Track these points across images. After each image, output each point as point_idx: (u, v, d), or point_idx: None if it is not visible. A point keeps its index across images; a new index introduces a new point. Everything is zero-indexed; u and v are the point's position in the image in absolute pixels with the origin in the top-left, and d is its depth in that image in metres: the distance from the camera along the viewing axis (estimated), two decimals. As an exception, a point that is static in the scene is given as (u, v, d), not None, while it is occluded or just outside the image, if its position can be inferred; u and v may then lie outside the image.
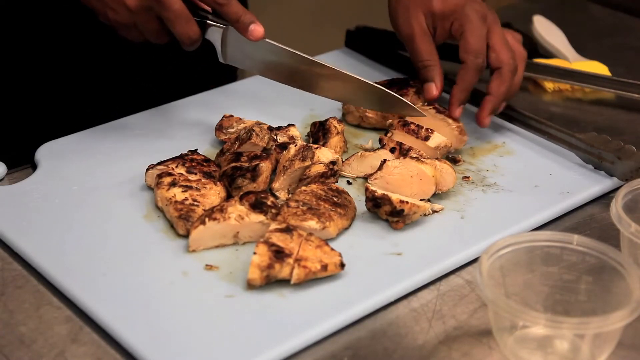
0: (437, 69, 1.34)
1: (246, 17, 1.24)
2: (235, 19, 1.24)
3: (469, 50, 1.33)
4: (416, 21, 1.35)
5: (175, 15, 1.22)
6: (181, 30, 1.24)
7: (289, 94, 1.48)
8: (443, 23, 1.36)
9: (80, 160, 1.30)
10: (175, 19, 1.22)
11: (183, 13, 1.22)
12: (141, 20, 1.24)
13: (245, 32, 1.25)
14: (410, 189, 1.20)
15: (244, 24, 1.24)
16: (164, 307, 1.05)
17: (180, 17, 1.22)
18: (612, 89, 1.51)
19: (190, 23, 1.24)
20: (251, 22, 1.24)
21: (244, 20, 1.24)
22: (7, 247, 1.15)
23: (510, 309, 0.96)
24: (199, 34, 1.26)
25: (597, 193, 1.27)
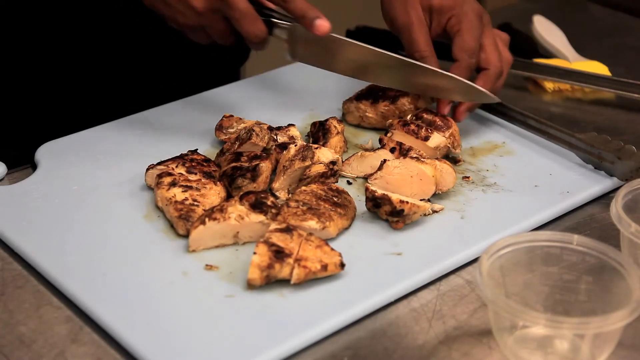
0: (434, 59, 1.34)
1: (311, 12, 1.24)
2: (301, 14, 1.24)
3: (464, 49, 1.33)
4: (414, 11, 1.34)
5: (242, 15, 1.23)
6: (248, 29, 1.24)
7: (289, 94, 1.48)
8: (440, 18, 1.36)
9: (80, 160, 1.30)
10: (241, 18, 1.23)
11: (249, 12, 1.23)
12: (209, 22, 1.25)
13: (311, 27, 1.24)
14: (410, 189, 1.20)
15: (309, 20, 1.24)
16: (164, 307, 1.05)
17: (247, 16, 1.23)
18: (612, 89, 1.51)
19: (257, 22, 1.24)
20: (317, 17, 1.24)
21: (309, 16, 1.24)
22: (7, 247, 1.15)
23: (510, 309, 0.96)
24: (266, 32, 1.26)
25: (597, 193, 1.27)
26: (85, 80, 1.53)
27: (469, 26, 1.34)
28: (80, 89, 1.54)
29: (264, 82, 1.53)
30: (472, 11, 1.35)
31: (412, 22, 1.34)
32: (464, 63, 1.33)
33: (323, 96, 1.47)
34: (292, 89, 1.49)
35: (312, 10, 1.24)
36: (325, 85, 1.35)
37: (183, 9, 1.24)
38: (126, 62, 1.55)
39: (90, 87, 1.54)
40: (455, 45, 1.34)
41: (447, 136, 1.30)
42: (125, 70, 1.56)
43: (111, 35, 1.52)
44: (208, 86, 1.50)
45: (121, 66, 1.55)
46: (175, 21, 1.27)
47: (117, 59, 1.54)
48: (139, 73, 1.57)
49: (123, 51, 1.54)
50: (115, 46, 1.53)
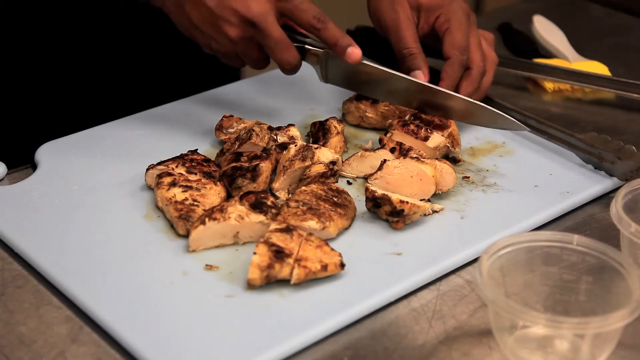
0: (422, 56, 1.33)
1: (344, 40, 1.26)
2: (333, 42, 1.26)
3: (455, 46, 1.33)
4: (402, 9, 1.34)
5: (275, 43, 1.24)
6: (281, 56, 1.26)
7: (289, 94, 1.48)
8: (428, 16, 1.36)
9: (80, 160, 1.30)
10: (275, 46, 1.25)
11: (283, 40, 1.25)
12: (242, 49, 1.27)
13: (343, 55, 1.26)
14: (410, 189, 1.20)
15: (341, 47, 1.26)
16: (164, 307, 1.05)
17: (281, 44, 1.25)
18: (612, 89, 1.51)
19: (290, 49, 1.26)
20: (349, 45, 1.26)
21: (341, 44, 1.26)
22: (7, 247, 1.15)
23: (510, 308, 0.96)
24: (299, 59, 1.28)
25: (597, 193, 1.27)
26: (86, 80, 1.53)
27: (458, 24, 1.34)
28: (81, 89, 1.54)
29: (264, 82, 1.52)
30: (460, 9, 1.35)
31: (399, 20, 1.34)
32: (456, 60, 1.33)
33: (323, 96, 1.47)
34: (293, 89, 1.49)
35: (345, 38, 1.26)
36: (325, 86, 1.35)
37: (218, 37, 1.25)
38: (126, 62, 1.55)
39: (91, 87, 1.54)
40: (446, 42, 1.34)
41: (445, 136, 1.30)
42: (126, 70, 1.56)
43: (111, 36, 1.52)
44: (209, 86, 1.50)
45: (121, 66, 1.55)
46: (210, 47, 1.28)
47: (117, 58, 1.55)
48: (139, 73, 1.57)
49: (123, 51, 1.54)
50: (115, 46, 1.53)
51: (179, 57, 1.58)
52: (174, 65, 1.60)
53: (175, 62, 1.59)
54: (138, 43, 1.54)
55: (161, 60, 1.58)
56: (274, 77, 1.53)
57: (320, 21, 1.25)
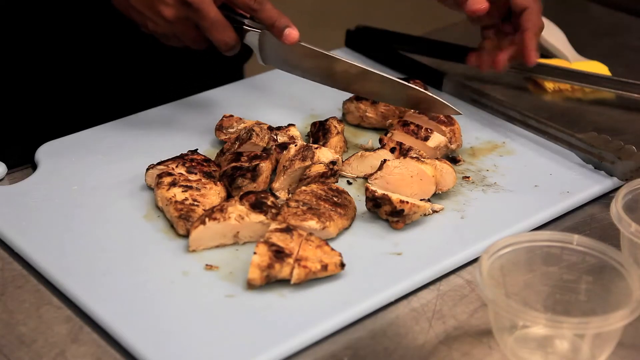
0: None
1: (281, 21, 1.26)
2: (270, 23, 1.26)
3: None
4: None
5: (212, 23, 1.24)
6: (218, 37, 1.25)
7: (289, 94, 1.48)
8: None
9: (80, 160, 1.30)
10: (212, 26, 1.24)
11: (219, 21, 1.24)
12: (179, 30, 1.26)
13: (280, 36, 1.26)
14: (410, 189, 1.20)
15: (278, 29, 1.26)
16: (164, 307, 1.05)
17: (217, 24, 1.24)
18: (612, 89, 1.51)
19: (227, 30, 1.26)
20: (286, 27, 1.26)
21: (278, 25, 1.26)
22: (7, 247, 1.15)
23: (510, 308, 0.96)
24: (237, 40, 1.27)
25: (597, 193, 1.27)
26: (85, 80, 1.53)
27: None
28: (80, 89, 1.54)
29: (264, 82, 1.53)
30: None
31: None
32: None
33: (323, 96, 1.47)
34: (293, 89, 1.49)
35: (282, 19, 1.26)
36: (326, 86, 1.35)
37: (154, 17, 1.25)
38: (127, 61, 1.55)
39: (91, 87, 1.54)
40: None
41: (447, 131, 1.30)
42: (126, 70, 1.56)
43: (112, 35, 1.52)
44: (211, 84, 1.50)
45: (121, 66, 1.55)
46: (147, 28, 1.28)
47: (117, 58, 1.54)
48: (139, 73, 1.57)
49: (123, 51, 1.54)
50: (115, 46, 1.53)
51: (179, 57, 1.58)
52: (174, 65, 1.60)
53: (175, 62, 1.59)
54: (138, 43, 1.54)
55: (161, 60, 1.58)
56: (274, 77, 1.53)
57: (257, 2, 1.24)
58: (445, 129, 1.31)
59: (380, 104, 1.38)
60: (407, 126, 1.30)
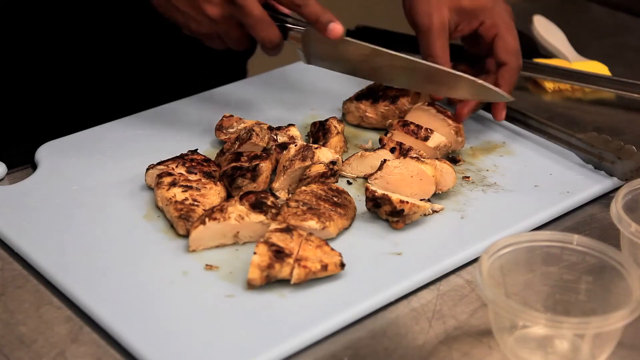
0: (448, 66, 1.32)
1: (325, 16, 1.24)
2: (315, 18, 1.24)
3: (510, 51, 1.32)
4: (438, 15, 1.32)
5: (256, 21, 1.23)
6: (263, 35, 1.24)
7: (289, 93, 1.48)
8: (471, 21, 1.34)
9: (80, 160, 1.30)
10: (256, 24, 1.23)
11: (264, 18, 1.23)
12: (223, 29, 1.25)
13: (325, 31, 1.24)
14: (410, 189, 1.20)
15: (323, 24, 1.24)
16: (164, 307, 1.05)
17: (262, 22, 1.23)
18: (612, 89, 1.51)
19: (272, 27, 1.25)
20: (330, 21, 1.24)
21: (322, 20, 1.24)
22: (7, 247, 1.15)
23: (510, 308, 0.96)
24: (281, 38, 1.26)
25: (597, 193, 1.27)
26: (86, 80, 1.53)
27: (506, 27, 1.33)
28: (81, 89, 1.53)
29: (264, 82, 1.52)
30: (505, 12, 1.34)
31: (433, 27, 1.32)
32: (514, 65, 1.33)
33: (323, 96, 1.47)
34: (293, 88, 1.49)
35: (326, 14, 1.24)
36: (325, 85, 1.35)
37: (197, 17, 1.24)
38: (127, 61, 1.55)
39: (91, 87, 1.54)
40: (499, 48, 1.33)
41: (454, 126, 1.30)
42: (126, 69, 1.56)
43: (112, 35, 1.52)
44: (215, 81, 1.50)
45: (122, 66, 1.55)
46: (189, 29, 1.27)
47: (117, 58, 1.54)
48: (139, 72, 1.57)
49: (124, 51, 1.54)
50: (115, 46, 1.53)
51: (179, 57, 1.58)
52: (175, 65, 1.60)
53: (175, 62, 1.59)
54: (138, 43, 1.54)
55: (161, 60, 1.58)
56: (274, 77, 1.53)
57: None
58: (452, 123, 1.30)
59: (380, 103, 1.38)
60: (407, 126, 1.30)
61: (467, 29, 1.35)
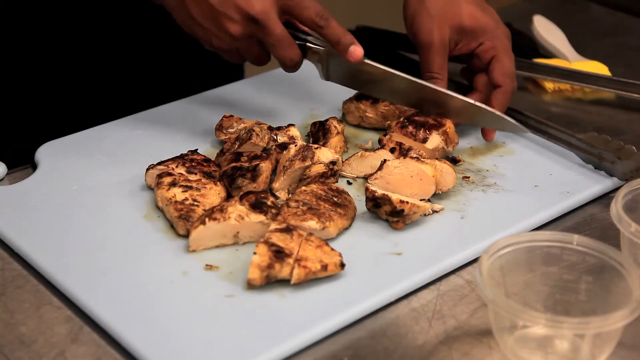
0: (443, 83, 1.33)
1: (346, 38, 1.25)
2: (336, 40, 1.25)
3: (506, 74, 1.33)
4: (439, 32, 1.33)
5: (277, 40, 1.24)
6: (283, 54, 1.25)
7: (290, 94, 1.48)
8: (470, 41, 1.35)
9: (80, 160, 1.30)
10: (277, 43, 1.24)
11: (285, 38, 1.24)
12: (244, 46, 1.26)
13: (345, 53, 1.25)
14: (410, 189, 1.20)
15: (344, 46, 1.25)
16: (164, 307, 1.05)
17: (282, 42, 1.24)
18: (612, 89, 1.51)
19: (292, 47, 1.26)
20: (351, 44, 1.25)
21: (344, 42, 1.25)
22: (7, 247, 1.15)
23: (510, 308, 0.96)
24: (301, 57, 1.27)
25: (597, 193, 1.27)
26: (86, 80, 1.53)
27: (504, 51, 1.34)
28: (81, 89, 1.54)
29: (264, 81, 1.53)
30: (504, 35, 1.35)
31: (433, 44, 1.33)
32: (508, 88, 1.33)
33: (323, 96, 1.47)
34: (293, 88, 1.49)
35: (347, 36, 1.25)
36: (325, 85, 1.35)
37: (219, 34, 1.25)
38: (127, 61, 1.55)
39: (91, 87, 1.54)
40: (495, 70, 1.33)
41: (440, 133, 1.30)
42: (126, 69, 1.56)
43: (112, 35, 1.52)
44: (210, 85, 1.50)
45: (122, 66, 1.55)
46: (210, 44, 1.28)
47: (117, 58, 1.54)
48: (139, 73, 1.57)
49: (124, 51, 1.54)
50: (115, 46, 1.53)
51: (179, 57, 1.58)
52: (175, 65, 1.60)
53: (175, 62, 1.59)
54: (138, 43, 1.54)
55: (161, 60, 1.58)
56: (274, 77, 1.53)
57: (323, 19, 1.24)
58: (437, 132, 1.30)
59: (380, 103, 1.38)
60: (405, 128, 1.30)
61: (466, 49, 1.36)
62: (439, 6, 1.33)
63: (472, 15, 1.34)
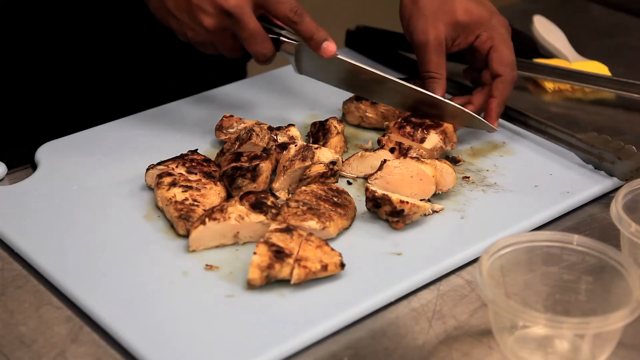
0: (442, 82, 1.33)
1: (319, 34, 1.26)
2: (309, 36, 1.26)
3: (505, 63, 1.33)
4: (434, 31, 1.33)
5: (251, 35, 1.25)
6: (256, 48, 1.26)
7: (290, 93, 1.48)
8: (467, 34, 1.35)
9: (80, 160, 1.30)
10: (250, 38, 1.25)
11: (258, 32, 1.25)
12: (218, 39, 1.27)
13: (318, 49, 1.26)
14: (410, 189, 1.20)
15: (316, 42, 1.26)
16: (164, 307, 1.05)
17: (256, 36, 1.25)
18: (612, 89, 1.51)
19: (265, 41, 1.26)
20: (324, 40, 1.26)
21: (317, 38, 1.26)
22: (7, 247, 1.15)
23: (510, 308, 0.96)
24: (274, 51, 1.28)
25: (597, 193, 1.27)
26: (86, 80, 1.53)
27: (501, 40, 1.34)
28: (81, 89, 1.54)
29: (264, 82, 1.53)
30: (500, 24, 1.35)
31: (428, 43, 1.33)
32: (507, 77, 1.33)
33: (323, 96, 1.47)
34: (293, 89, 1.49)
35: (320, 32, 1.26)
36: (325, 86, 1.35)
37: (193, 26, 1.25)
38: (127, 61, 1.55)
39: (91, 87, 1.54)
40: (494, 60, 1.33)
41: (438, 133, 1.30)
42: (126, 70, 1.56)
43: (112, 35, 1.52)
44: (210, 85, 1.50)
45: (122, 66, 1.55)
46: (184, 36, 1.29)
47: (117, 58, 1.54)
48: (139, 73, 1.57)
49: (124, 51, 1.54)
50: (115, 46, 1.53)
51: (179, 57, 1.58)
52: (175, 65, 1.60)
53: (175, 62, 1.59)
54: (138, 43, 1.54)
55: (161, 60, 1.58)
56: (274, 77, 1.53)
57: (297, 14, 1.24)
58: (435, 132, 1.30)
59: (380, 104, 1.38)
60: (403, 128, 1.30)
61: (464, 43, 1.36)
62: (432, 6, 1.33)
63: (466, 9, 1.34)
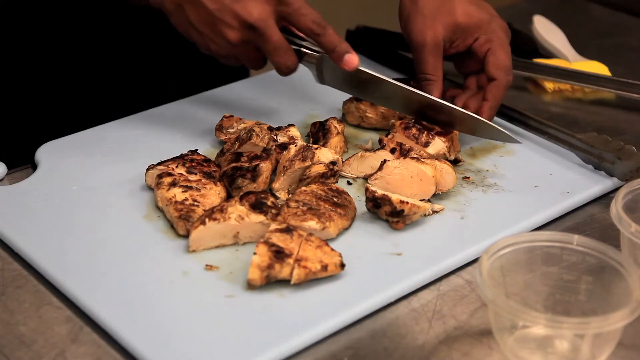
0: (438, 84, 1.33)
1: (342, 46, 1.26)
2: (332, 48, 1.26)
3: (500, 67, 1.33)
4: (432, 32, 1.33)
5: (274, 47, 1.25)
6: (280, 60, 1.26)
7: (290, 94, 1.48)
8: (465, 37, 1.35)
9: (80, 160, 1.30)
10: (274, 50, 1.25)
11: (282, 45, 1.25)
12: (241, 52, 1.27)
13: (340, 61, 1.26)
14: (410, 189, 1.20)
15: (339, 54, 1.26)
16: (164, 307, 1.05)
17: (280, 48, 1.25)
18: (612, 89, 1.51)
19: (289, 53, 1.26)
20: (346, 52, 1.26)
21: (339, 50, 1.26)
22: (7, 247, 1.15)
23: (510, 309, 0.96)
24: (296, 63, 1.28)
25: (597, 193, 1.27)
26: (86, 80, 1.53)
27: (500, 44, 1.34)
28: (81, 89, 1.54)
29: (264, 82, 1.53)
30: (500, 28, 1.35)
31: (426, 45, 1.33)
32: (502, 81, 1.33)
33: (323, 96, 1.47)
34: (293, 89, 1.49)
35: (343, 45, 1.26)
36: (325, 86, 1.35)
37: (216, 39, 1.25)
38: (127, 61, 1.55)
39: (91, 87, 1.54)
40: (490, 63, 1.33)
41: (446, 140, 1.30)
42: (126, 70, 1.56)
43: (112, 35, 1.52)
44: (210, 85, 1.50)
45: (121, 66, 1.55)
46: (207, 49, 1.28)
47: (117, 58, 1.54)
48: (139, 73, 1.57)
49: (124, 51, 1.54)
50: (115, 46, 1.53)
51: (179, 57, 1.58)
52: (175, 65, 1.60)
53: (175, 62, 1.59)
54: (138, 43, 1.54)
55: (161, 60, 1.58)
56: (274, 77, 1.52)
57: (320, 26, 1.24)
58: (443, 139, 1.30)
59: (380, 104, 1.38)
60: (409, 129, 1.30)
61: (462, 46, 1.36)
62: (432, 6, 1.33)
63: (466, 12, 1.34)
